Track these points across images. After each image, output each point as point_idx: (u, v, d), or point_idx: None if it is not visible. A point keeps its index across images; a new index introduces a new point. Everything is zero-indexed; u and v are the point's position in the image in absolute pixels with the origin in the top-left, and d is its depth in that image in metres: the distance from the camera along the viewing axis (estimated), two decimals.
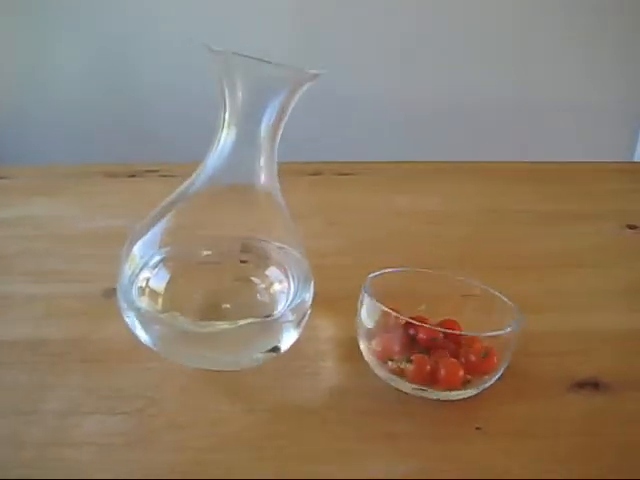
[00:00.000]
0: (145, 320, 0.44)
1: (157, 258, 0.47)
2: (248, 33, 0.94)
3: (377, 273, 0.48)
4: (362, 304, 0.46)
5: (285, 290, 0.48)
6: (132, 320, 0.44)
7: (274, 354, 0.45)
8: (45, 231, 0.69)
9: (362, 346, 0.46)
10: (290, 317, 0.45)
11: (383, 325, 0.45)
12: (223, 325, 0.45)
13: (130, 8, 0.93)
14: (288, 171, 0.83)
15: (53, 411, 0.42)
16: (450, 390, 0.43)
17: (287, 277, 0.48)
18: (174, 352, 0.46)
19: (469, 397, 0.43)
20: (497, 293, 0.47)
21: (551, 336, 0.51)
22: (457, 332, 0.45)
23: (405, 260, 0.59)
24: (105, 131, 1.00)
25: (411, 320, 0.43)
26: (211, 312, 0.46)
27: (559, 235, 0.69)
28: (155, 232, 0.46)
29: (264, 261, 0.49)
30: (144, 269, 0.46)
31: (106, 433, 0.40)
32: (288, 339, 0.46)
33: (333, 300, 0.54)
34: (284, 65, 0.41)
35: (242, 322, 0.44)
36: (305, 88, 0.44)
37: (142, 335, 0.44)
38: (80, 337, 0.49)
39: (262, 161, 0.46)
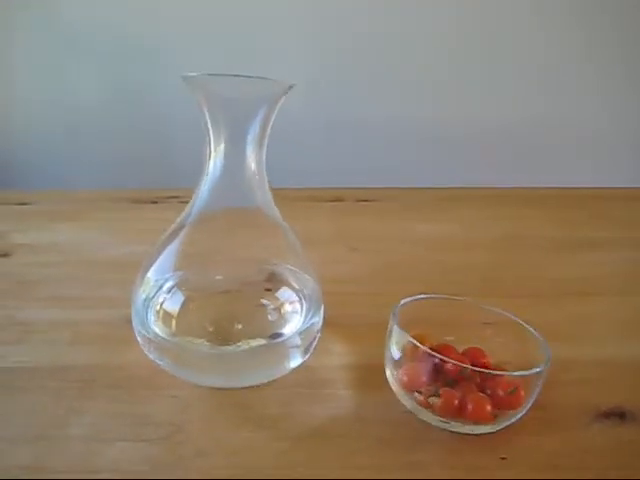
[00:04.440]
0: (157, 343, 0.46)
1: (170, 283, 0.49)
2: (265, 60, 0.95)
3: (406, 300, 0.48)
4: (391, 332, 0.46)
5: (297, 311, 0.49)
6: (145, 343, 0.47)
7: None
8: (68, 257, 0.70)
9: (388, 374, 0.46)
10: (299, 339, 0.47)
11: (410, 354, 0.44)
12: (232, 348, 0.46)
13: (152, 41, 0.95)
14: (309, 197, 0.85)
15: (78, 437, 0.42)
16: (476, 425, 0.43)
17: (300, 299, 0.50)
18: (184, 372, 0.47)
19: None
20: (521, 322, 0.47)
21: (573, 365, 0.50)
22: (489, 371, 0.44)
23: (424, 288, 0.59)
24: (127, 158, 1.01)
25: (437, 354, 0.42)
26: (223, 334, 0.47)
27: (578, 262, 0.68)
28: (166, 257, 0.48)
29: (276, 284, 0.51)
30: (158, 294, 0.48)
31: (131, 460, 0.40)
32: (298, 358, 0.47)
33: (355, 327, 0.55)
34: (259, 78, 0.41)
35: (251, 344, 0.46)
36: (282, 100, 0.45)
37: (154, 356, 0.46)
38: (105, 363, 0.50)
39: (254, 180, 0.47)
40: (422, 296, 0.49)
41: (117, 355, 0.51)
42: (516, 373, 0.43)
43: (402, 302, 0.48)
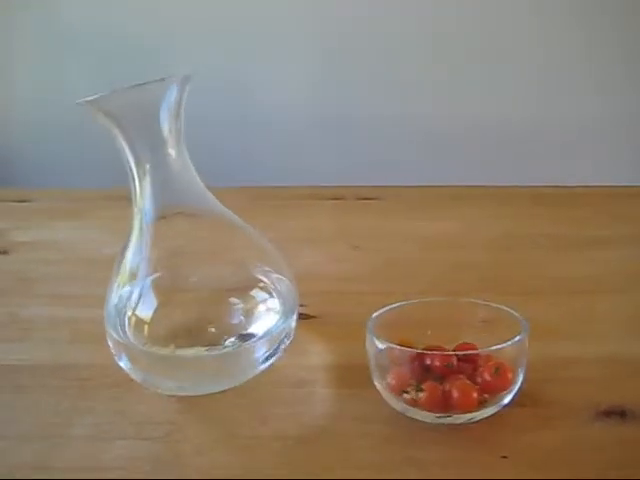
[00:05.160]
0: (126, 349, 0.45)
1: (140, 288, 0.47)
2: (265, 60, 0.95)
3: (383, 310, 0.47)
4: (369, 341, 0.45)
5: (273, 311, 0.48)
6: (115, 349, 0.45)
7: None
8: (68, 255, 0.70)
9: (375, 381, 0.45)
10: (274, 339, 0.46)
11: (395, 359, 0.44)
12: (198, 352, 0.45)
13: (151, 40, 0.95)
14: (310, 195, 0.85)
15: (80, 436, 0.42)
16: (468, 412, 0.42)
17: (274, 299, 0.48)
18: (151, 380, 0.46)
19: (494, 424, 0.43)
20: (513, 312, 0.46)
21: (575, 362, 0.50)
22: (469, 352, 0.45)
23: (425, 286, 0.59)
24: None
25: (420, 351, 0.43)
26: (197, 339, 0.47)
27: (580, 260, 0.68)
28: (134, 263, 0.47)
29: (249, 284, 0.49)
30: (129, 299, 0.46)
31: (133, 458, 0.40)
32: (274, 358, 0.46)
33: (351, 326, 0.54)
34: (156, 81, 0.42)
35: (226, 347, 0.45)
36: (187, 93, 0.44)
37: (124, 363, 0.45)
38: (105, 362, 0.49)
39: (187, 182, 0.47)
40: (397, 304, 0.48)
41: None
42: (492, 348, 0.43)
43: (377, 313, 0.47)
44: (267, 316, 0.47)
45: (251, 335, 0.46)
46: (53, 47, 0.97)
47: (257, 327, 0.47)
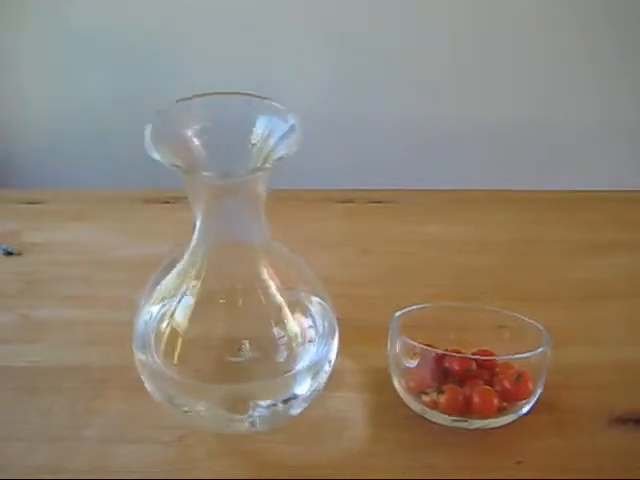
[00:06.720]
0: (152, 373, 0.43)
1: (176, 307, 0.44)
2: (266, 60, 0.95)
3: (406, 310, 0.48)
4: (392, 340, 0.46)
5: (312, 341, 0.44)
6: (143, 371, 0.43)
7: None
8: (81, 257, 0.70)
9: (395, 381, 0.46)
10: (311, 372, 0.43)
11: (415, 360, 0.44)
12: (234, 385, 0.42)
13: (149, 41, 0.95)
14: (320, 198, 0.85)
15: (94, 438, 0.43)
16: (486, 418, 0.42)
17: (314, 327, 0.45)
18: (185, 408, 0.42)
19: (509, 429, 0.43)
20: (531, 321, 0.46)
21: (589, 369, 0.50)
22: (486, 358, 0.45)
23: (437, 290, 0.59)
24: (139, 158, 1.02)
25: (442, 352, 0.43)
26: (228, 365, 0.43)
27: (594, 265, 0.68)
28: (169, 285, 0.44)
29: (288, 312, 0.45)
30: (162, 320, 0.44)
31: (147, 462, 0.41)
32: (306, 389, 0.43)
33: (364, 331, 0.54)
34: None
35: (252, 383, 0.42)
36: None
37: (149, 386, 0.43)
38: (119, 364, 0.49)
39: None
40: (421, 305, 0.49)
41: (130, 356, 0.50)
42: (517, 357, 0.43)
43: (400, 312, 0.48)
44: (308, 349, 0.44)
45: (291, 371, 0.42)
46: (58, 48, 0.97)
47: (299, 363, 0.43)
